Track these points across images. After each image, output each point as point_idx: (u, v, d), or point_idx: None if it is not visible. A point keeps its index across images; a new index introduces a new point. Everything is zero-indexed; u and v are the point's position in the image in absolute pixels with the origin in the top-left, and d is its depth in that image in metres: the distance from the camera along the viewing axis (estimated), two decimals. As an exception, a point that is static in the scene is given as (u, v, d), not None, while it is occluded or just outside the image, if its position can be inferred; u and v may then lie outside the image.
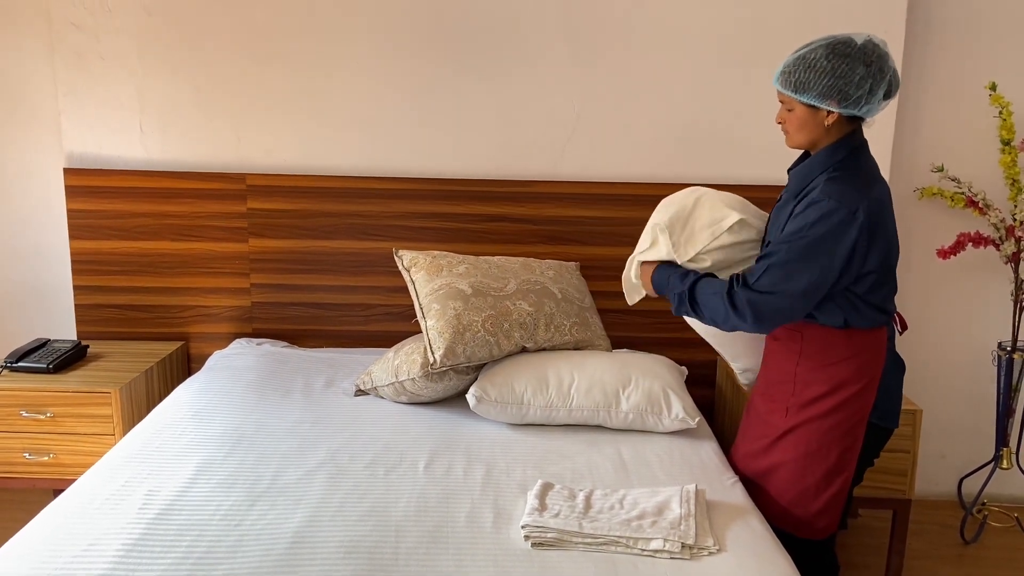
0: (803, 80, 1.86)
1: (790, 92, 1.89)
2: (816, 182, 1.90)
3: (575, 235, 2.96)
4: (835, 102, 1.85)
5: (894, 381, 2.07)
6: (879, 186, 1.93)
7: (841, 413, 1.97)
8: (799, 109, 1.90)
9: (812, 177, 1.93)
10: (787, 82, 1.89)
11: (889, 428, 2.09)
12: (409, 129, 2.94)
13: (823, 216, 1.84)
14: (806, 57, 1.86)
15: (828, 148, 1.92)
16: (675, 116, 2.94)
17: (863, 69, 1.83)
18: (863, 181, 1.90)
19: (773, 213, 2.05)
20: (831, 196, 1.84)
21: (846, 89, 1.84)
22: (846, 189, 1.86)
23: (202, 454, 2.11)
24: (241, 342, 2.95)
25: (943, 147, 3.02)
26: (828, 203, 1.84)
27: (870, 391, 1.98)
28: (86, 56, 2.87)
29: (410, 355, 2.44)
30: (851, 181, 1.88)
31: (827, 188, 1.86)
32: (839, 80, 1.83)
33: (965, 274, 3.12)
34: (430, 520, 1.84)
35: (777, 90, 1.93)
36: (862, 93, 1.84)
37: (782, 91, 1.91)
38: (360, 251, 2.97)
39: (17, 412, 2.55)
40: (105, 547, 1.69)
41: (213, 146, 2.94)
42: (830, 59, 1.83)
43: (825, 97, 1.85)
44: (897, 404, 2.09)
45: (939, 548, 3.02)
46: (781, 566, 1.72)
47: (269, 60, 2.89)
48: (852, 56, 1.83)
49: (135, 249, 2.95)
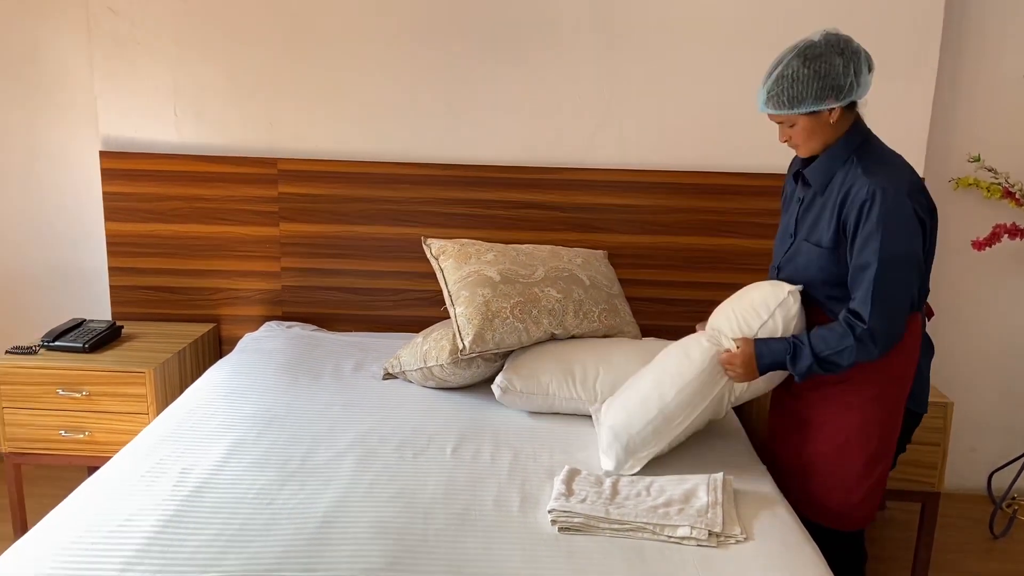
0: (794, 94, 1.89)
1: (786, 111, 1.93)
2: (850, 177, 1.92)
3: (604, 223, 2.96)
4: (832, 98, 1.89)
5: (925, 365, 2.07)
6: (909, 165, 1.97)
7: (881, 400, 1.96)
8: (802, 121, 1.94)
9: (835, 170, 1.96)
10: (779, 103, 1.92)
11: (920, 413, 2.09)
12: (439, 116, 2.95)
13: (885, 206, 1.85)
14: (784, 74, 1.90)
15: (841, 140, 1.96)
16: (706, 103, 2.92)
17: (840, 59, 1.88)
18: (895, 160, 1.95)
19: (799, 211, 2.06)
20: (879, 184, 1.86)
21: (837, 83, 1.88)
22: (888, 171, 1.90)
23: (234, 434, 2.14)
24: (271, 325, 2.98)
25: (979, 137, 2.97)
26: (881, 192, 1.85)
27: (908, 378, 1.98)
28: (123, 41, 2.91)
29: (439, 341, 2.45)
30: (887, 162, 1.93)
31: (871, 180, 1.87)
32: (826, 79, 1.87)
33: (1000, 265, 3.07)
34: (458, 503, 1.86)
35: (769, 115, 1.97)
36: (851, 80, 1.89)
37: (777, 113, 1.95)
38: (390, 236, 2.99)
39: (54, 390, 2.60)
40: (140, 523, 1.72)
41: (246, 131, 2.97)
42: (808, 64, 1.88)
43: (821, 99, 1.89)
44: (927, 388, 2.10)
45: (968, 542, 2.99)
46: (808, 555, 1.72)
47: (302, 47, 2.91)
48: (824, 53, 1.88)
49: (169, 232, 2.99)
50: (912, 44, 2.83)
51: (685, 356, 2.08)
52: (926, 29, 2.81)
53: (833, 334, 1.91)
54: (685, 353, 2.09)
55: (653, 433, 2.03)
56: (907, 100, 2.86)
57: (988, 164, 2.92)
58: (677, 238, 2.96)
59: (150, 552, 1.62)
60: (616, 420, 2.07)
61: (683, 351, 2.10)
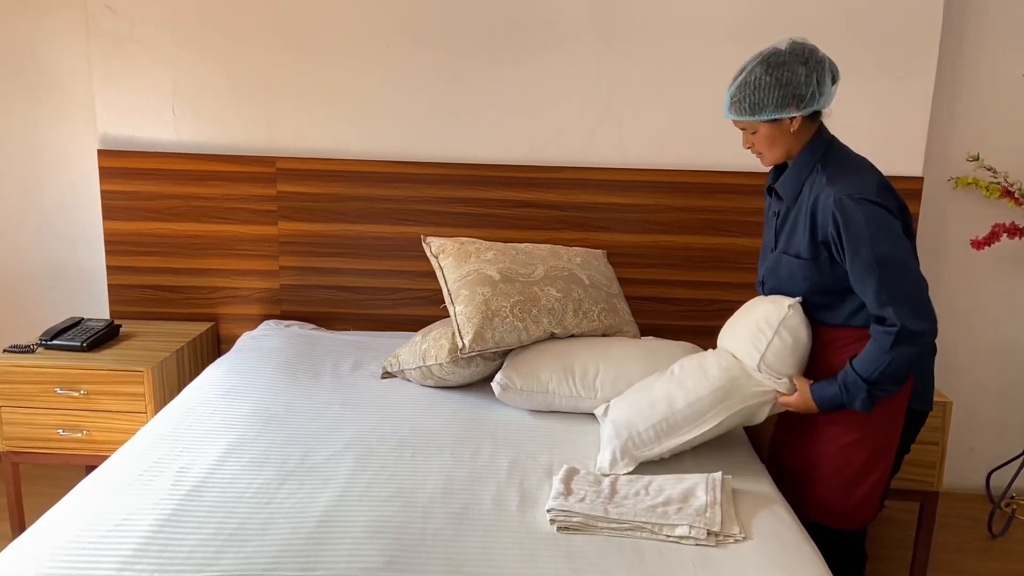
0: (755, 101, 1.91)
1: (747, 117, 1.95)
2: (816, 187, 1.93)
3: (603, 222, 2.96)
4: (793, 107, 1.91)
5: (927, 364, 2.07)
6: (875, 168, 1.98)
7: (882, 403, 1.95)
8: (763, 128, 1.96)
9: (803, 180, 1.98)
10: (740, 109, 1.94)
11: (925, 411, 2.09)
12: (438, 114, 2.95)
13: (859, 212, 1.85)
14: (747, 81, 1.91)
15: (805, 150, 1.98)
16: (706, 102, 2.91)
17: (803, 68, 1.89)
18: (858, 165, 1.96)
19: (777, 225, 2.09)
20: (845, 191, 1.87)
21: (798, 92, 1.89)
22: (851, 177, 1.91)
23: (233, 433, 2.14)
24: (270, 324, 2.98)
25: (979, 136, 2.97)
26: (849, 199, 1.86)
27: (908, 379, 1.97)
28: (121, 40, 2.90)
29: (438, 340, 2.45)
30: (850, 168, 1.95)
31: (835, 189, 1.89)
32: (788, 87, 1.89)
33: (999, 265, 3.07)
34: (456, 502, 1.85)
35: (733, 120, 1.98)
36: (812, 89, 1.90)
37: (739, 119, 1.97)
38: (388, 235, 2.99)
39: (52, 389, 2.59)
40: (138, 522, 1.72)
41: (244, 130, 2.97)
42: (770, 72, 1.89)
43: (782, 107, 1.91)
44: (931, 386, 2.10)
45: (966, 541, 2.99)
46: (807, 555, 1.72)
47: (300, 46, 2.91)
48: (787, 62, 1.89)
49: (167, 230, 2.99)
50: (911, 43, 2.82)
51: (702, 373, 2.08)
52: (925, 28, 2.81)
53: (872, 352, 1.88)
54: (702, 370, 2.09)
55: (655, 436, 2.04)
56: (906, 99, 2.86)
57: (987, 163, 2.92)
58: (676, 237, 2.96)
59: (148, 551, 1.62)
60: (620, 416, 2.08)
61: (700, 368, 2.11)
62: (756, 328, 2.02)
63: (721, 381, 2.05)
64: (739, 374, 2.04)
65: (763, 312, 2.04)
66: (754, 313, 2.07)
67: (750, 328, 2.04)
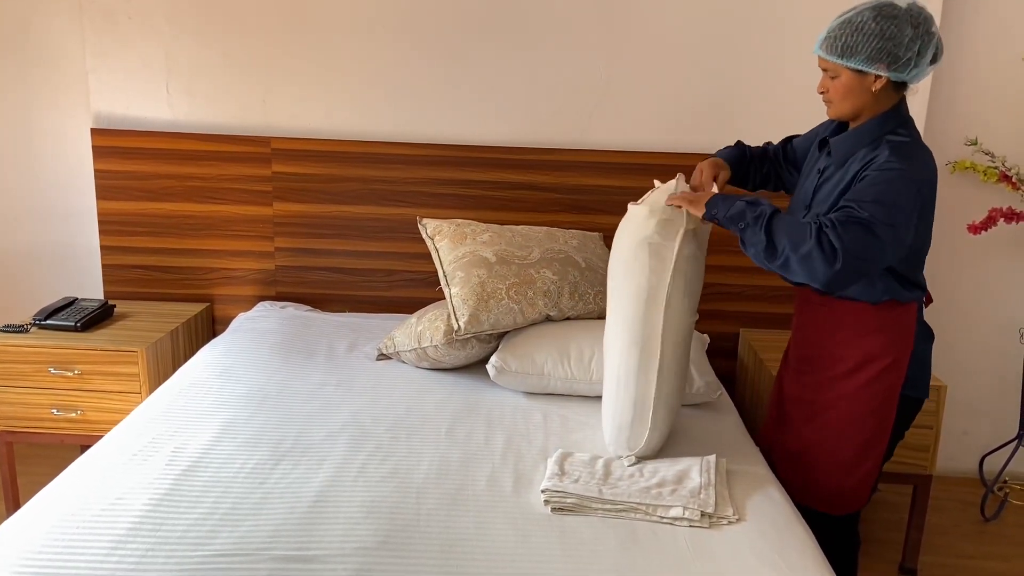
0: (850, 44, 1.80)
1: (835, 58, 1.83)
2: (876, 160, 1.81)
3: (599, 204, 2.95)
4: (884, 66, 1.80)
5: (924, 351, 2.05)
6: (933, 162, 1.88)
7: (873, 387, 1.95)
8: (845, 75, 1.84)
9: (860, 148, 1.87)
10: (832, 47, 1.82)
11: (921, 398, 2.07)
12: (434, 95, 2.93)
13: (901, 182, 1.77)
14: (852, 20, 1.80)
15: (878, 119, 1.86)
16: (704, 84, 2.90)
17: (911, 31, 1.78)
18: (924, 162, 1.85)
19: (818, 182, 1.97)
20: (903, 166, 1.78)
21: (896, 51, 1.78)
22: (915, 160, 1.81)
23: (227, 413, 2.14)
24: (265, 305, 2.97)
25: (977, 120, 2.96)
26: (903, 171, 1.77)
27: (902, 365, 1.96)
28: (115, 17, 2.87)
29: (433, 322, 2.45)
30: (917, 152, 1.84)
31: (897, 158, 1.78)
32: (888, 42, 1.78)
33: (996, 250, 3.07)
34: (451, 483, 1.85)
35: (820, 58, 1.87)
36: (911, 55, 1.79)
37: (826, 57, 1.85)
38: (384, 216, 2.97)
39: (46, 369, 2.59)
40: (132, 501, 1.72)
41: (239, 109, 2.95)
42: (878, 21, 1.78)
43: (874, 61, 1.79)
44: (927, 374, 2.07)
45: (959, 525, 3.01)
46: (800, 536, 1.72)
47: (296, 24, 2.88)
48: (900, 18, 1.78)
49: (161, 210, 2.97)
50: (911, 26, 2.80)
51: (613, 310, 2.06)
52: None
53: (797, 220, 1.80)
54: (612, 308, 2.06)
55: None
56: (905, 82, 2.84)
57: (985, 147, 2.91)
58: (673, 220, 2.95)
59: (141, 530, 1.62)
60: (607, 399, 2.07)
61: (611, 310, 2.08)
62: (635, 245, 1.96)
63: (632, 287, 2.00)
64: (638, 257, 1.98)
65: (658, 194, 1.98)
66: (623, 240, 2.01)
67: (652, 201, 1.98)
